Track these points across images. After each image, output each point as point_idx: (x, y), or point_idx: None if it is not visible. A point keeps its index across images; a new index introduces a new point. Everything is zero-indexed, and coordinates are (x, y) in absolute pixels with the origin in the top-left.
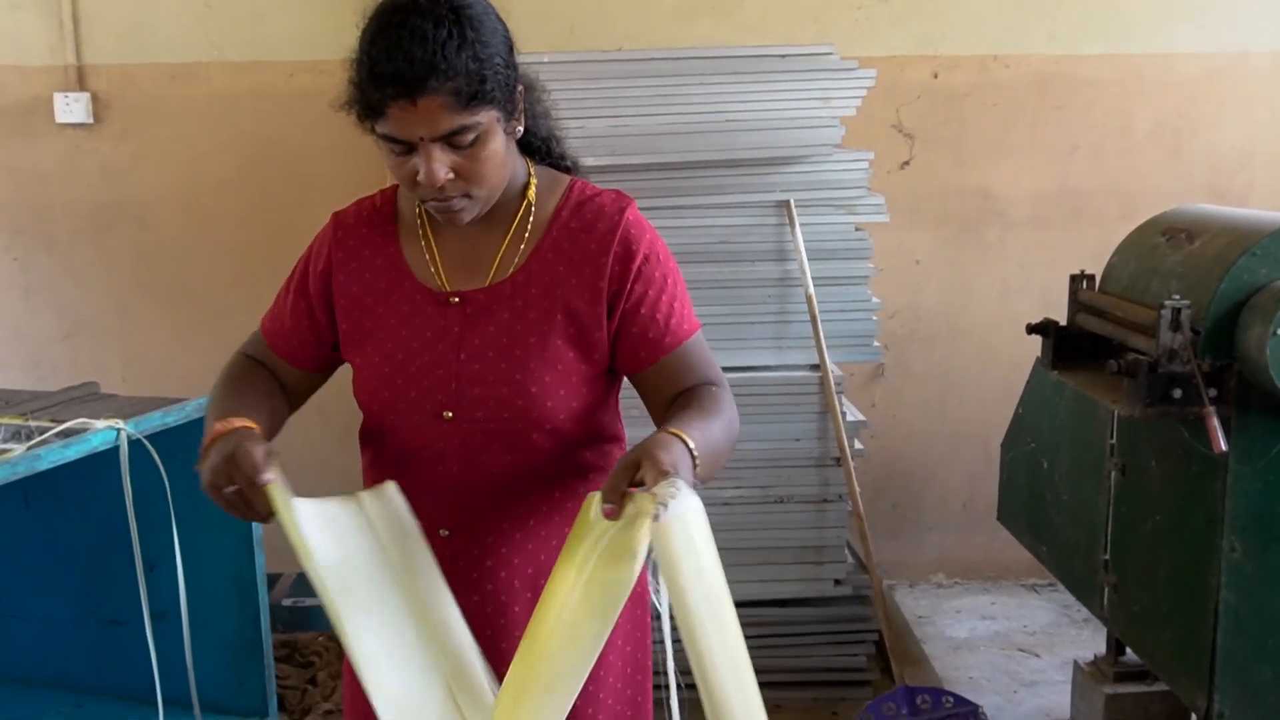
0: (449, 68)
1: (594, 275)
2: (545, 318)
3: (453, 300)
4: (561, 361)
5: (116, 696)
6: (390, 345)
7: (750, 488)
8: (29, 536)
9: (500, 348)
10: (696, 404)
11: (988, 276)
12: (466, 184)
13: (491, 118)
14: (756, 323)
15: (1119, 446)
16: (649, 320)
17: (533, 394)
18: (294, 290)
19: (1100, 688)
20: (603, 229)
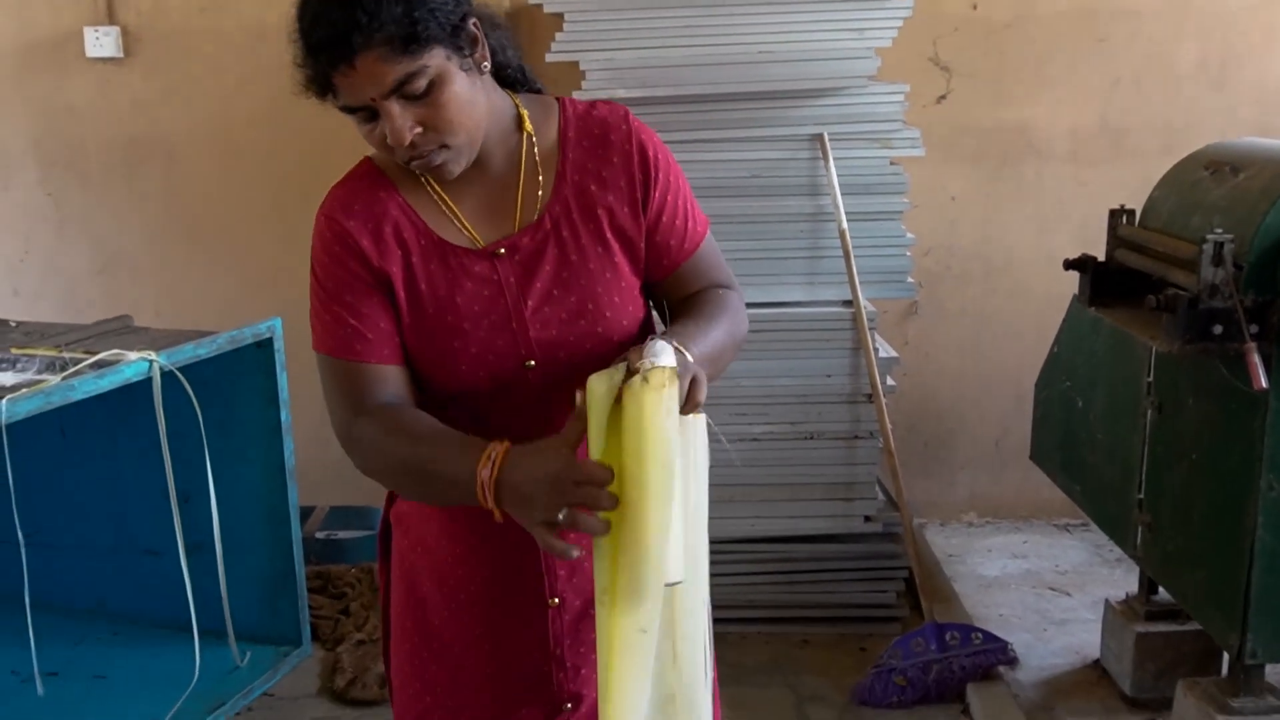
0: (372, 19)
1: (629, 186)
2: (596, 239)
3: (499, 253)
4: (624, 277)
5: (152, 625)
6: (451, 317)
7: (781, 423)
8: (66, 468)
9: (564, 283)
10: (699, 309)
11: (1024, 213)
12: (438, 134)
13: (440, 59)
14: (789, 258)
15: (1156, 384)
16: (670, 226)
17: (608, 317)
18: (354, 296)
19: (1131, 626)
20: (617, 139)
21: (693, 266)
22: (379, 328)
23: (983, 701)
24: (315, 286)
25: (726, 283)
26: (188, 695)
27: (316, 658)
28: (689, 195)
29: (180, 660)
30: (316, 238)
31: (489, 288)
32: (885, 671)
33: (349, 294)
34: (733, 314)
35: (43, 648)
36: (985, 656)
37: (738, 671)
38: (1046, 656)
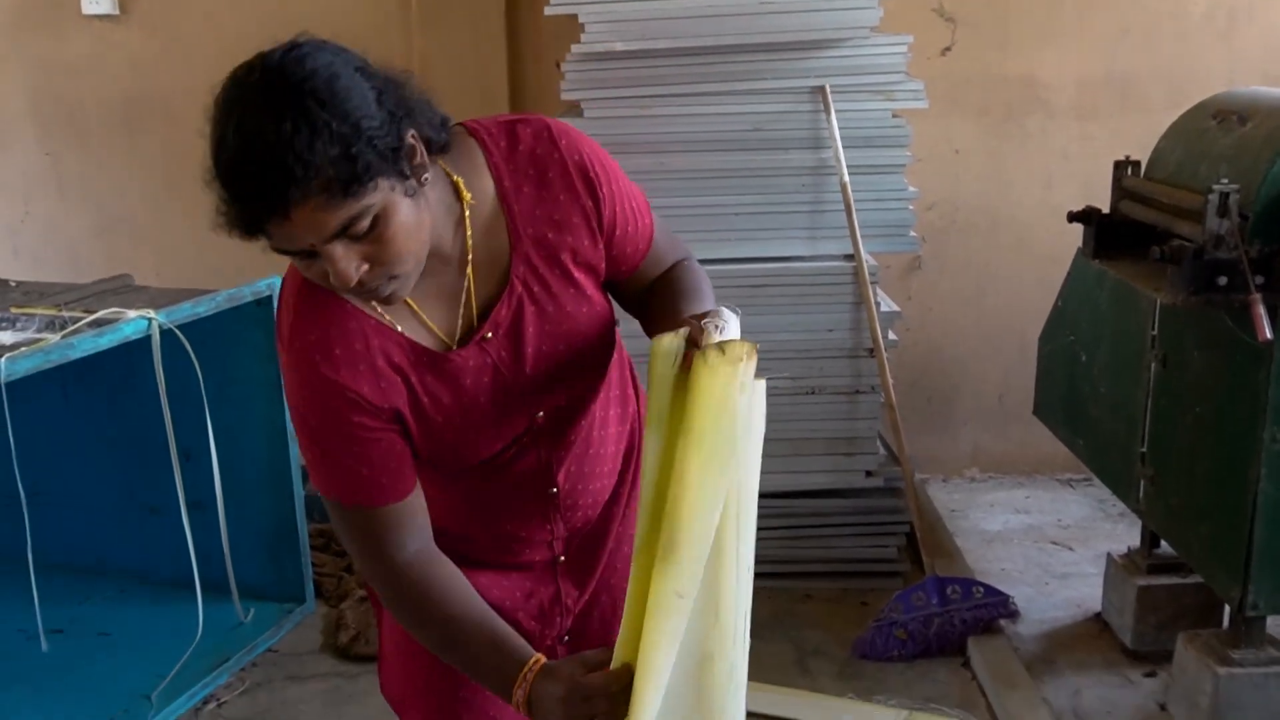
0: (307, 168)
1: (583, 218)
2: (566, 282)
3: (486, 338)
4: (594, 302)
5: (157, 582)
6: (460, 419)
7: (782, 378)
8: (68, 427)
9: (549, 335)
10: (679, 284)
11: (1029, 167)
12: (386, 268)
13: (384, 192)
14: (790, 212)
15: (1160, 337)
16: (624, 237)
17: (594, 346)
18: (363, 448)
19: (1133, 579)
20: (556, 174)
21: (651, 259)
22: (391, 466)
23: (984, 654)
24: (310, 436)
25: (682, 255)
26: (192, 651)
27: (320, 614)
28: (629, 191)
29: (184, 617)
30: (300, 386)
31: (486, 373)
32: (886, 625)
33: (356, 445)
34: (706, 283)
35: (47, 606)
36: (986, 610)
37: None
38: (1048, 610)
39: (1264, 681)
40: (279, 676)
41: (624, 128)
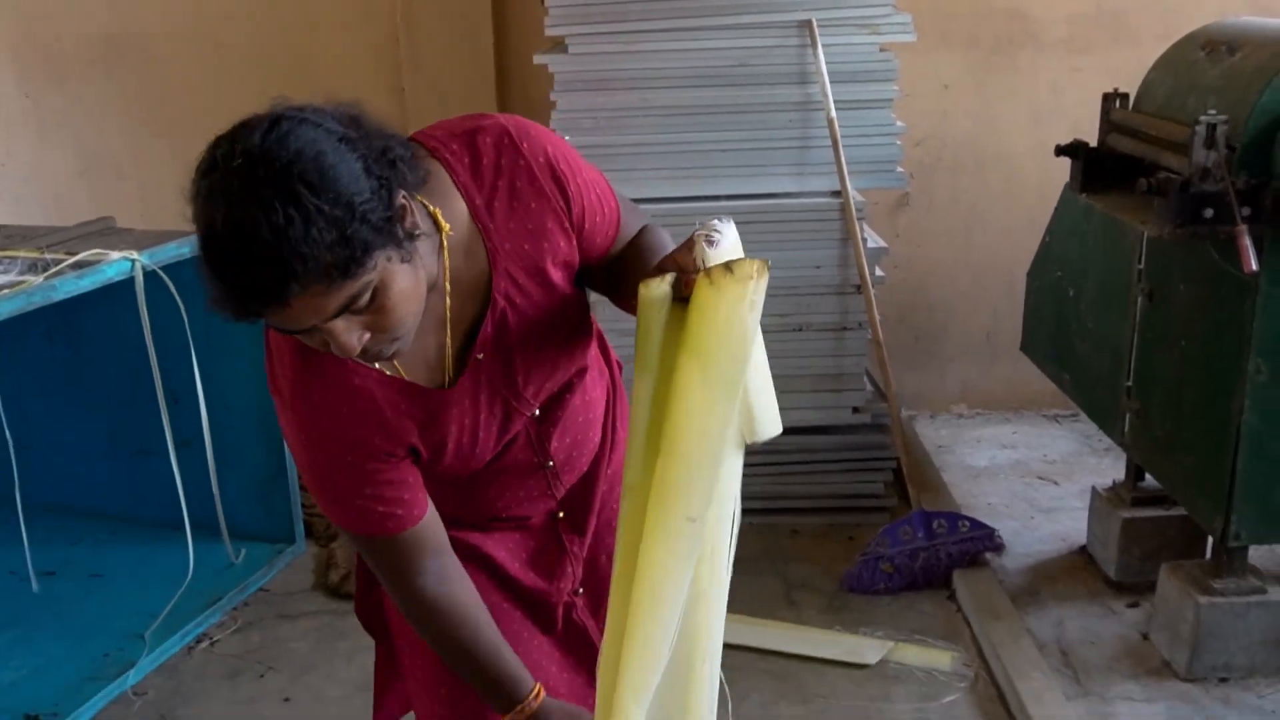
0: (305, 261)
1: (556, 221)
2: (545, 289)
3: (478, 359)
4: (574, 300)
5: (148, 524)
6: (467, 441)
7: (769, 315)
8: (56, 371)
9: (537, 344)
10: (649, 243)
11: (1018, 102)
12: (388, 334)
13: (381, 264)
14: (777, 148)
15: (1147, 271)
16: (594, 227)
17: (577, 341)
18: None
19: (1117, 512)
20: (524, 183)
21: (620, 240)
22: (405, 497)
23: (969, 587)
24: (318, 482)
25: (645, 223)
26: (183, 591)
27: (310, 554)
28: (592, 179)
29: (175, 558)
30: (306, 440)
31: (483, 392)
32: (873, 559)
33: (369, 487)
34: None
35: (39, 548)
36: (972, 544)
37: None
38: (1033, 543)
39: (1244, 610)
40: (270, 615)
41: (608, 64)
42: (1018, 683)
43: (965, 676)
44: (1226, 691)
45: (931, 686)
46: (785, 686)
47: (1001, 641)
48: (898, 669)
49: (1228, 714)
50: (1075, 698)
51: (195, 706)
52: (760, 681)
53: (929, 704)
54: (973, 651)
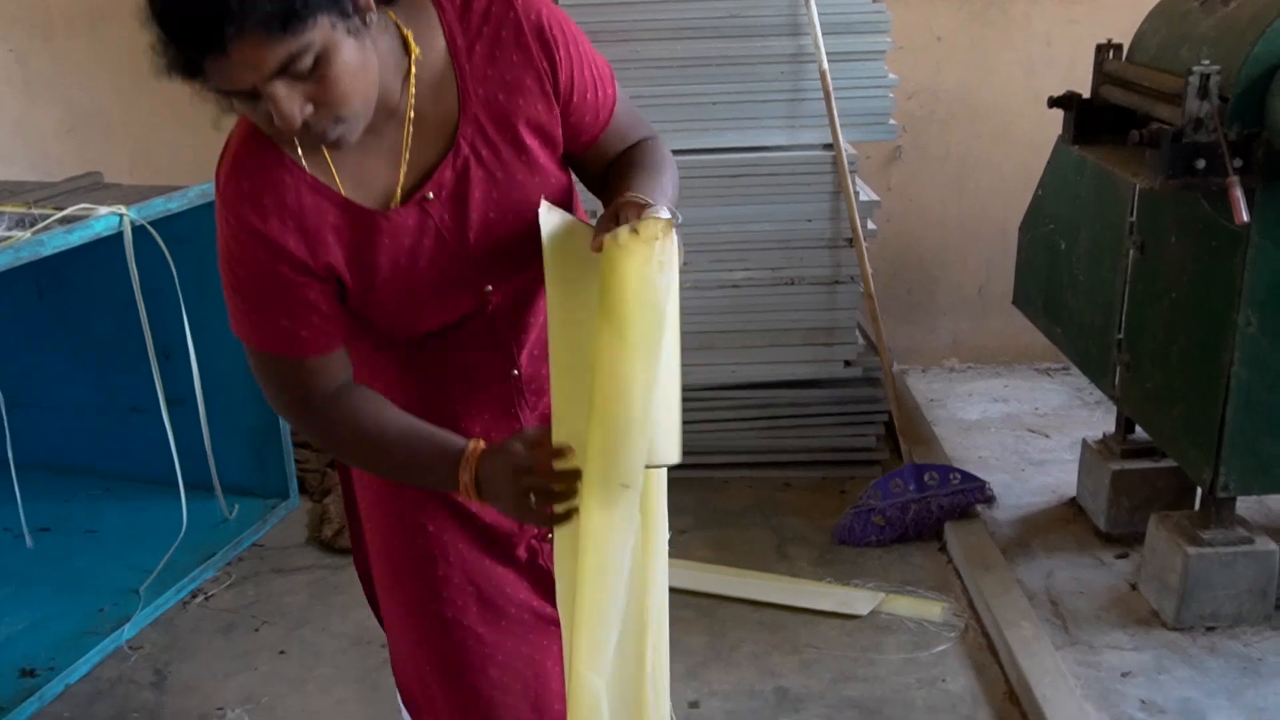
0: (242, 3)
1: (536, 81)
2: (516, 149)
3: (427, 198)
4: (548, 172)
5: (142, 481)
6: (400, 281)
7: (760, 269)
8: (48, 329)
9: (497, 204)
10: (640, 164)
11: (1012, 54)
12: (331, 109)
13: (325, 30)
14: (768, 101)
15: (1139, 224)
16: (582, 103)
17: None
18: (284, 300)
19: (1107, 464)
20: (509, 35)
21: (612, 132)
22: (314, 322)
23: (960, 539)
24: (232, 285)
25: (645, 133)
26: (177, 547)
27: (304, 509)
28: (592, 58)
29: (169, 514)
30: (226, 232)
31: (427, 236)
32: (864, 512)
33: (279, 299)
34: (667, 160)
35: (33, 505)
36: (963, 496)
37: (721, 515)
38: (1024, 496)
39: (1232, 560)
40: (265, 570)
41: (598, 15)
42: (1007, 632)
43: (955, 627)
44: (1213, 640)
45: (922, 636)
46: (777, 637)
47: (991, 592)
48: (889, 620)
49: (1214, 662)
50: (1064, 647)
51: (191, 660)
52: (753, 632)
53: (920, 653)
54: (963, 602)
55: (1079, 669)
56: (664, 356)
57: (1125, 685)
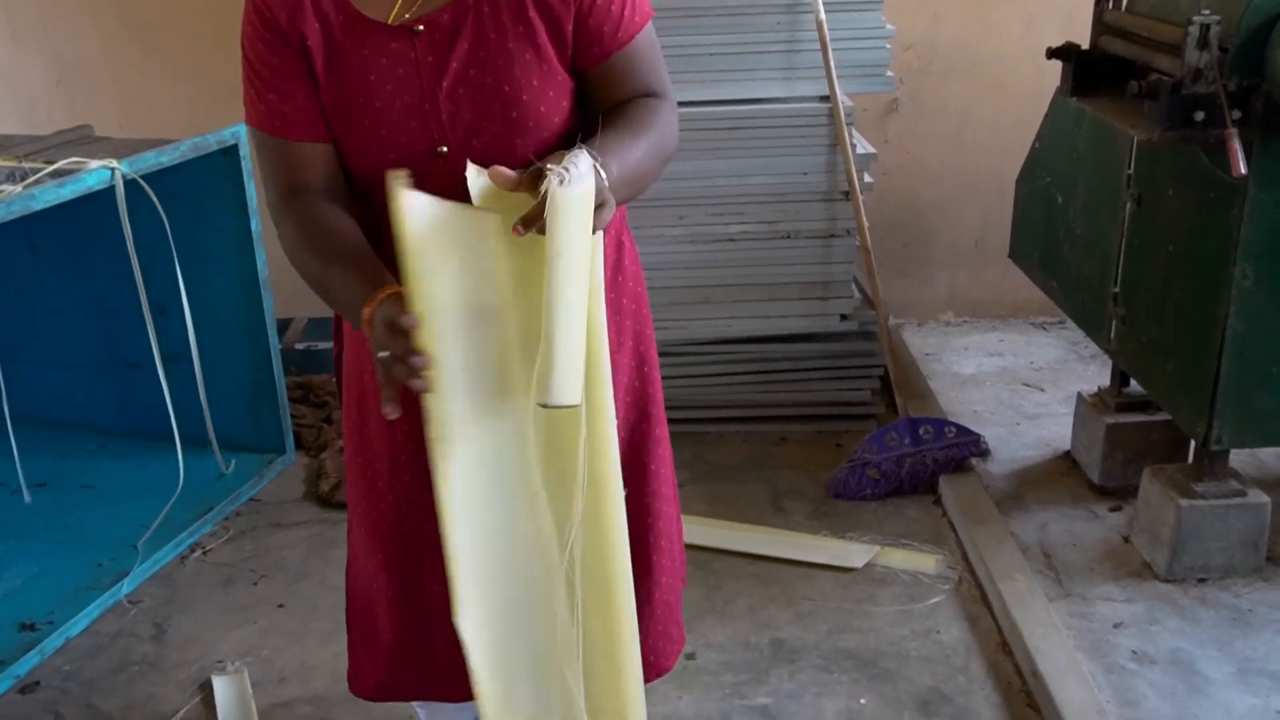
0: None
1: None
2: (518, 17)
3: (417, 30)
4: (547, 60)
5: (138, 436)
6: (365, 96)
7: (756, 223)
8: (41, 284)
9: (480, 62)
10: (626, 122)
11: (1010, 6)
12: None
13: None
14: (764, 52)
15: (1136, 176)
16: (605, 11)
17: (525, 101)
18: (272, 71)
19: (1102, 417)
20: None
21: (625, 61)
22: (299, 104)
23: (954, 492)
24: (243, 62)
25: (660, 90)
26: (174, 502)
27: (301, 464)
28: None
29: (166, 469)
30: (244, 14)
31: (404, 66)
32: (859, 465)
33: (268, 69)
34: (661, 129)
35: (30, 460)
36: (958, 449)
37: (716, 469)
38: (1018, 449)
39: (1224, 513)
40: (263, 524)
41: None
42: (1000, 584)
43: (949, 579)
44: (1204, 591)
45: (916, 589)
46: (773, 590)
47: (985, 545)
48: (884, 572)
49: (1205, 612)
50: (1056, 599)
51: (190, 614)
52: (749, 585)
53: (914, 605)
54: (957, 555)
55: (1071, 620)
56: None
57: (1117, 636)
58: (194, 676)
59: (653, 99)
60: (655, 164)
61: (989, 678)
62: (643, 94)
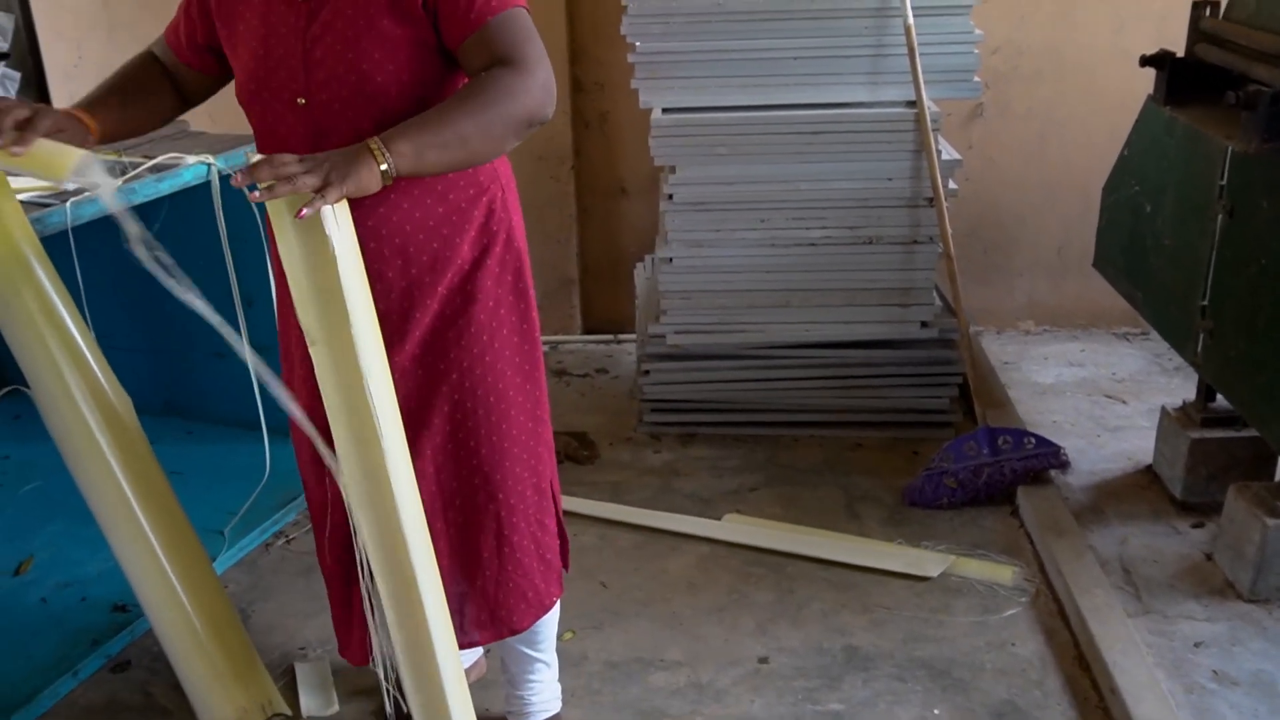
0: None
1: None
2: (370, 1)
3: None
4: (389, 39)
5: (225, 424)
6: (254, 42)
7: (838, 228)
8: (133, 275)
9: (336, 32)
10: (455, 95)
11: (1100, 8)
12: None
13: None
14: (851, 56)
15: (1229, 187)
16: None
17: (364, 70)
18: (188, 6)
19: (1186, 432)
20: None
21: (479, 42)
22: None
23: (1032, 503)
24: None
25: (509, 56)
26: (260, 490)
27: None
28: None
29: (251, 458)
30: None
31: (285, 25)
32: (936, 473)
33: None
34: (491, 90)
35: None
36: (1037, 460)
37: (791, 473)
38: (1099, 462)
39: None
40: None
41: None
42: (1079, 598)
43: (1026, 591)
44: None
45: (992, 600)
46: (847, 596)
47: (1064, 557)
48: (959, 582)
49: None
50: (1136, 615)
51: (274, 600)
52: (822, 590)
53: (989, 617)
54: (1034, 567)
55: (1151, 638)
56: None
57: (1198, 655)
58: (277, 662)
59: (498, 67)
60: (485, 129)
61: (1065, 692)
62: (496, 63)
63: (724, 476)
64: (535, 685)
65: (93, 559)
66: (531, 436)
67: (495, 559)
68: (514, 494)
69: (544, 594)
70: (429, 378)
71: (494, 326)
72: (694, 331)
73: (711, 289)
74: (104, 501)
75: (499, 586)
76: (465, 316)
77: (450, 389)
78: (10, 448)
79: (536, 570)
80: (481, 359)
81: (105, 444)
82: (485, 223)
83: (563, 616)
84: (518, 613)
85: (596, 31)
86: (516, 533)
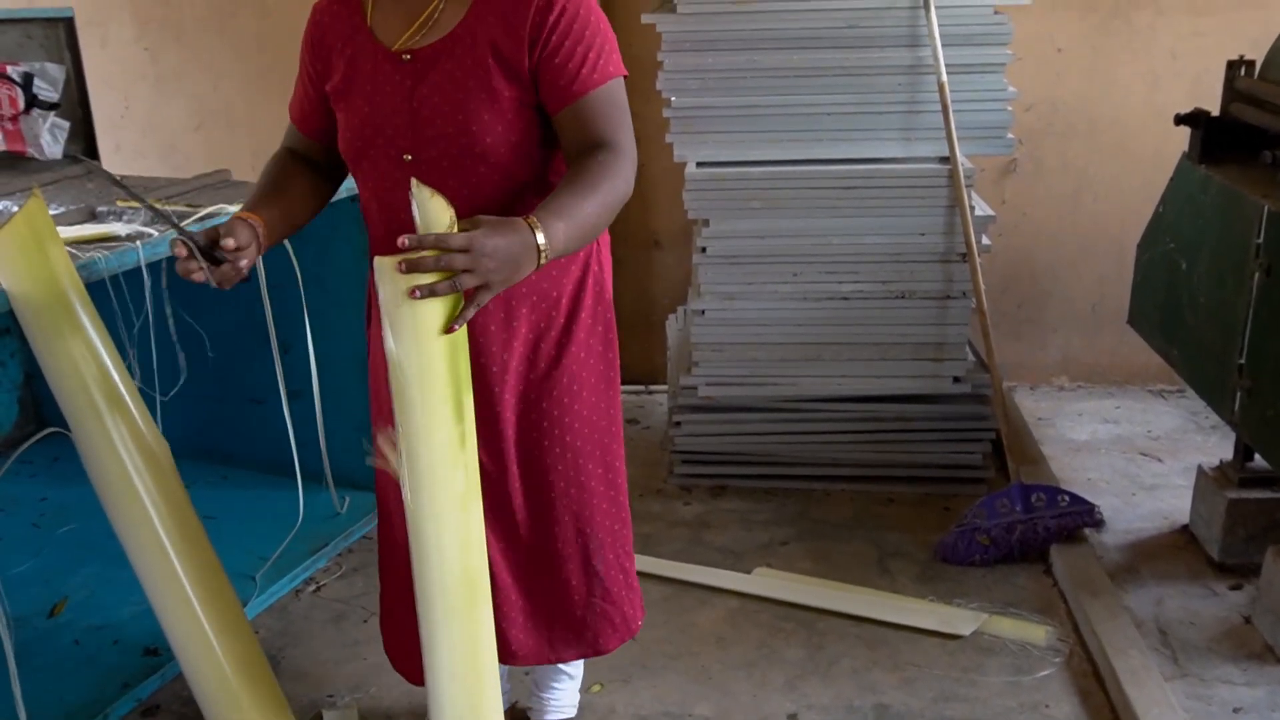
0: None
1: (517, 23)
2: (479, 63)
3: (404, 58)
4: (498, 100)
5: (259, 470)
6: (359, 100)
7: (870, 282)
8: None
9: (444, 93)
10: (580, 177)
11: (1135, 66)
12: None
13: None
14: (885, 113)
15: (1265, 246)
16: (561, 68)
17: (473, 131)
18: (302, 74)
19: (1223, 492)
20: None
21: (580, 111)
22: (315, 109)
23: (1066, 562)
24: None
25: (613, 142)
26: (293, 536)
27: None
28: (598, 47)
29: (284, 503)
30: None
31: (390, 84)
32: (969, 530)
33: (307, 77)
34: (612, 180)
35: None
36: (1071, 518)
37: (822, 527)
38: (1134, 520)
39: None
40: (373, 562)
41: (717, 24)
42: (1114, 660)
43: (1060, 651)
44: None
45: (1025, 660)
46: (878, 653)
47: (1098, 618)
48: (991, 641)
49: None
50: (1173, 678)
51: (303, 647)
52: (853, 647)
53: (1022, 677)
54: (1068, 627)
55: (1188, 702)
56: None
57: None
58: (305, 709)
59: (604, 152)
60: (605, 213)
61: None
62: (596, 143)
63: (755, 530)
64: (558, 690)
65: (126, 602)
66: (610, 470)
67: (584, 587)
68: (601, 528)
69: (630, 619)
70: (523, 428)
71: (583, 377)
72: (726, 384)
73: (744, 341)
74: (139, 545)
75: (588, 610)
76: (559, 368)
77: (540, 436)
78: (49, 490)
79: (624, 597)
80: (570, 408)
81: (143, 488)
82: (582, 276)
83: (591, 669)
84: (603, 635)
85: (632, 86)
86: (604, 564)
